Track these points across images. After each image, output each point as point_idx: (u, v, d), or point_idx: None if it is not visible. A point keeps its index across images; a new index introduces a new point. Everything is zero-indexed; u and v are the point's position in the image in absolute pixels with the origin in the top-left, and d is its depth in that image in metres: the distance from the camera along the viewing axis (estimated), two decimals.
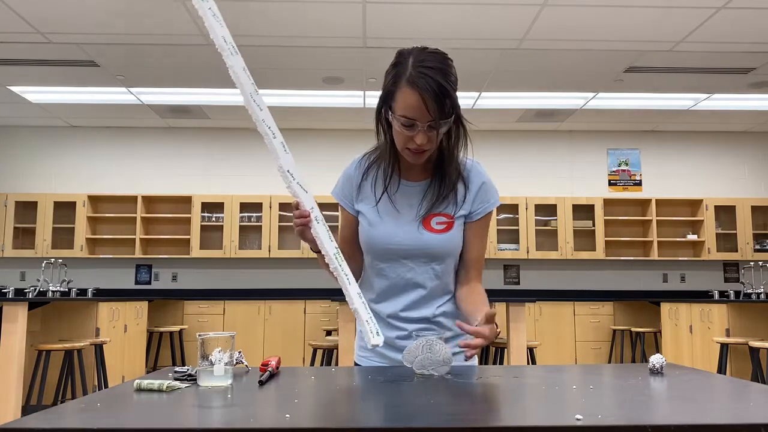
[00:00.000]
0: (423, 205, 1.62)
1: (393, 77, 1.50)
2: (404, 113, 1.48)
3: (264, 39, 5.61)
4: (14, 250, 7.97)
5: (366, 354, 1.72)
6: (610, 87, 6.89)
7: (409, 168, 1.64)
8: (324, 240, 1.51)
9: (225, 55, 1.47)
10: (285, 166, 1.49)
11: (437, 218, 1.62)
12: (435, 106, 1.44)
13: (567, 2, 4.91)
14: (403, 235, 1.61)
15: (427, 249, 1.61)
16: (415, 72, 1.45)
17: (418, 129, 1.48)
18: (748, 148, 8.65)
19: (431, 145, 1.52)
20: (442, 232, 1.61)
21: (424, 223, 1.61)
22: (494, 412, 1.05)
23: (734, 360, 5.60)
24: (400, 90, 1.47)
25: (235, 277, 8.29)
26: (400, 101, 1.48)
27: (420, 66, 1.46)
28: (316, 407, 1.08)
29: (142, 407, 1.05)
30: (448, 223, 1.62)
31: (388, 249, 1.62)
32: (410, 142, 1.51)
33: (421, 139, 1.49)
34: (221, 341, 1.26)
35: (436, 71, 1.45)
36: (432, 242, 1.60)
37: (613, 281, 8.42)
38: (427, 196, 1.62)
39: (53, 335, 5.60)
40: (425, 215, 1.61)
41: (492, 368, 1.61)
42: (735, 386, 1.26)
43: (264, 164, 8.46)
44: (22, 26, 5.34)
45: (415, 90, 1.45)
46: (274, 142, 1.51)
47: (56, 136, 8.43)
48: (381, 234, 1.62)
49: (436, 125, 1.47)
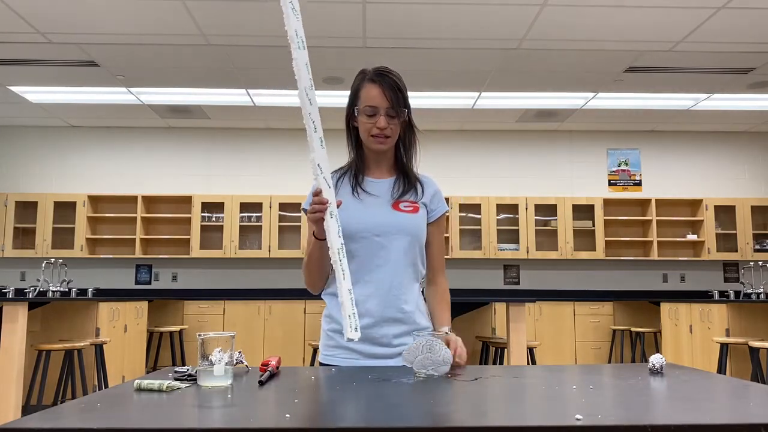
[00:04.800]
0: (392, 193, 1.84)
1: (357, 83, 1.84)
2: (367, 103, 1.78)
3: (264, 39, 5.61)
4: (14, 250, 7.97)
5: (332, 353, 1.79)
6: (610, 87, 6.89)
7: (375, 168, 1.88)
8: (332, 234, 1.61)
9: (293, 47, 1.65)
10: (317, 159, 1.64)
11: (404, 203, 1.83)
12: (392, 95, 1.76)
13: (567, 2, 4.91)
14: (378, 214, 1.80)
15: (399, 225, 1.79)
16: (374, 73, 1.80)
17: (379, 114, 1.77)
18: (748, 148, 8.65)
19: (392, 132, 1.80)
20: (411, 213, 1.82)
21: (394, 205, 1.82)
22: (494, 412, 1.05)
23: (734, 360, 5.60)
24: (364, 88, 1.80)
25: (235, 277, 8.29)
26: (363, 96, 1.80)
27: (379, 70, 1.81)
28: (316, 407, 1.08)
29: (142, 407, 1.05)
30: (414, 206, 1.84)
31: (364, 227, 1.77)
32: (373, 129, 1.78)
33: (382, 123, 1.77)
34: (221, 341, 1.26)
35: (391, 74, 1.80)
36: (403, 219, 1.80)
37: (613, 281, 8.42)
38: (394, 187, 1.85)
39: (53, 335, 5.60)
40: (394, 200, 1.83)
41: (492, 368, 1.61)
42: (735, 386, 1.26)
43: (264, 164, 8.46)
44: (22, 26, 5.34)
45: (376, 83, 1.78)
46: (314, 135, 1.64)
47: (56, 136, 8.43)
48: (356, 214, 1.78)
49: (393, 112, 1.77)
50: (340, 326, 1.71)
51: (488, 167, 8.49)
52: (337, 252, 1.60)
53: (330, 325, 1.82)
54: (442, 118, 7.85)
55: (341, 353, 1.77)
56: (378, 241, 1.77)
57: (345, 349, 1.76)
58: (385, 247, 1.77)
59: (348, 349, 1.76)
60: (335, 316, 1.80)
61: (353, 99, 1.85)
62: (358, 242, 1.76)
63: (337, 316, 1.79)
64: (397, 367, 1.57)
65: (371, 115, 1.78)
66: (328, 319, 1.84)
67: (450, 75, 6.52)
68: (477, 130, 8.49)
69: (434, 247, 1.88)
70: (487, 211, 8.13)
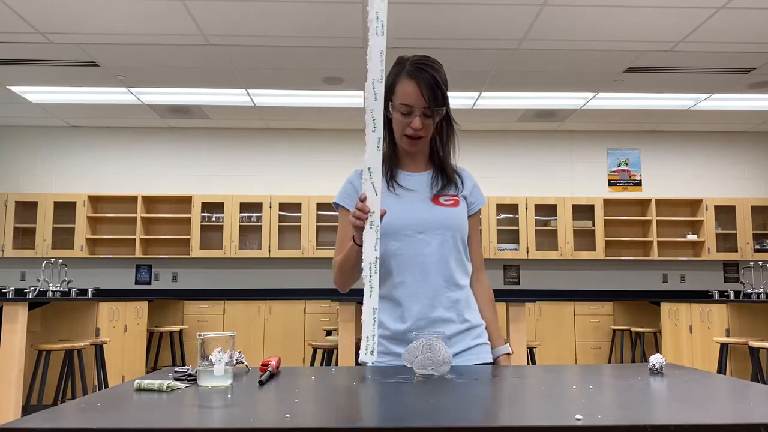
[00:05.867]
0: (430, 187, 1.75)
1: (393, 75, 1.70)
2: (402, 101, 1.66)
3: (264, 39, 5.61)
4: (14, 250, 7.97)
5: None
6: (610, 87, 6.89)
7: (409, 161, 1.78)
8: (368, 246, 1.52)
9: (370, 32, 1.55)
10: (368, 162, 1.53)
11: (444, 197, 1.75)
12: (429, 93, 1.64)
13: (567, 2, 4.91)
14: (418, 210, 1.71)
15: (442, 220, 1.70)
16: (412, 67, 1.67)
17: (414, 115, 1.66)
18: (748, 148, 8.65)
19: (426, 132, 1.70)
20: (452, 206, 1.74)
21: (434, 200, 1.73)
22: (494, 412, 1.05)
23: (734, 360, 5.60)
24: (400, 83, 1.68)
25: (235, 277, 8.29)
26: (399, 92, 1.67)
27: (416, 63, 1.69)
28: (316, 407, 1.08)
29: (142, 407, 1.05)
30: (455, 200, 1.75)
31: (405, 224, 1.68)
32: (407, 128, 1.68)
33: (417, 123, 1.66)
34: (221, 341, 1.26)
35: (430, 67, 1.68)
36: (445, 214, 1.71)
37: (613, 281, 8.42)
38: (432, 181, 1.76)
39: (53, 335, 5.60)
40: (434, 194, 1.74)
41: (492, 368, 1.61)
42: (735, 386, 1.26)
43: (264, 164, 8.46)
44: (22, 26, 5.34)
45: (412, 80, 1.65)
46: (371, 135, 1.53)
47: (56, 136, 8.43)
48: (396, 211, 1.67)
49: (430, 112, 1.66)
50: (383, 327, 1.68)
51: (488, 167, 8.49)
52: (370, 267, 1.50)
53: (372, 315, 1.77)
54: None
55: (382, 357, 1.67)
56: (421, 238, 1.68)
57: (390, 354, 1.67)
58: (430, 244, 1.68)
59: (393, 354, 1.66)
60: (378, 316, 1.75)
61: (388, 91, 1.69)
62: (400, 240, 1.68)
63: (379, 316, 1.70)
64: (396, 367, 1.57)
65: (406, 113, 1.67)
66: None
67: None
68: (477, 130, 8.49)
69: (473, 242, 1.81)
70: (487, 211, 8.13)
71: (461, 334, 1.69)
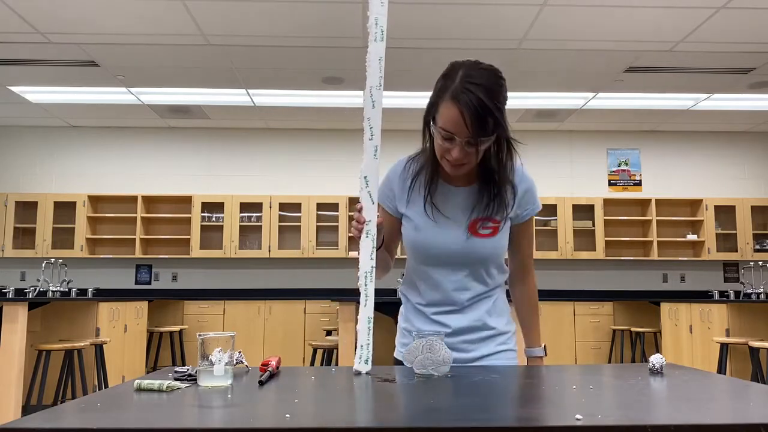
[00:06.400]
0: (469, 210, 1.62)
1: (439, 89, 1.51)
2: (444, 126, 1.48)
3: (264, 39, 5.61)
4: (14, 250, 7.97)
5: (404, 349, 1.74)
6: (610, 87, 6.89)
7: None
8: (364, 255, 1.51)
9: (369, 38, 1.50)
10: (364, 171, 1.51)
11: (483, 222, 1.62)
12: (475, 123, 1.44)
13: (567, 2, 4.91)
14: (450, 240, 1.62)
15: (473, 254, 1.63)
16: (460, 87, 1.45)
17: (456, 143, 1.48)
18: (748, 148, 8.65)
19: (469, 159, 1.52)
20: (488, 237, 1.63)
21: (471, 227, 1.62)
22: (494, 412, 1.05)
23: (734, 360, 5.60)
24: (444, 102, 1.47)
25: (235, 277, 8.29)
26: (442, 113, 1.48)
27: (467, 81, 1.45)
28: (316, 407, 1.08)
29: (142, 407, 1.05)
30: (494, 228, 1.63)
31: (435, 253, 1.64)
32: (448, 153, 1.51)
33: (457, 154, 1.49)
34: (221, 341, 1.26)
35: (482, 88, 1.44)
36: (478, 246, 1.62)
37: (613, 281, 8.41)
38: (473, 202, 1.62)
39: (53, 335, 5.60)
40: (472, 220, 1.62)
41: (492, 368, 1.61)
42: (735, 386, 1.26)
43: (264, 164, 8.46)
44: (22, 26, 5.34)
45: (456, 105, 1.44)
46: (368, 143, 1.50)
47: (56, 136, 8.43)
48: (427, 238, 1.63)
49: (474, 142, 1.47)
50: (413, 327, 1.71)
51: None
52: (365, 276, 1.49)
53: (404, 324, 1.77)
54: None
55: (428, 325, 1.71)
56: (451, 267, 1.65)
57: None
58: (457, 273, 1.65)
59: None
60: (406, 314, 1.77)
61: (431, 104, 1.54)
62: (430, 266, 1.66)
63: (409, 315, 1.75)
64: (396, 367, 1.57)
65: (447, 138, 1.49)
66: (402, 317, 1.79)
67: None
68: None
69: (523, 247, 1.74)
70: None
71: (485, 340, 1.70)
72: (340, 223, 8.07)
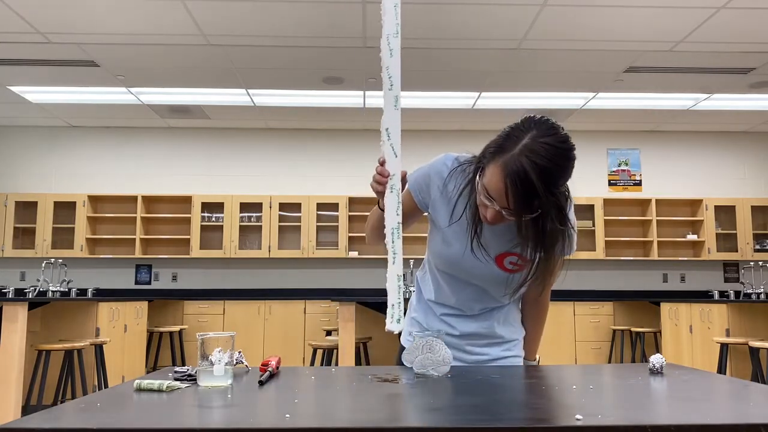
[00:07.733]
0: (502, 242, 1.55)
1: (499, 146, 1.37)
2: (486, 186, 1.38)
3: (264, 39, 5.61)
4: (14, 250, 7.96)
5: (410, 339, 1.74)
6: (610, 87, 6.89)
7: None
8: (389, 212, 1.47)
9: None
10: (385, 122, 1.45)
11: (511, 257, 1.56)
12: (517, 201, 1.33)
13: (567, 2, 4.91)
14: (476, 264, 1.58)
15: (494, 281, 1.61)
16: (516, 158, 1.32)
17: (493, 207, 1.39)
18: (748, 148, 8.65)
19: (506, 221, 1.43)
20: (512, 272, 1.58)
21: (498, 260, 1.57)
22: (494, 412, 1.05)
23: (734, 360, 5.60)
24: (494, 164, 1.36)
25: (235, 277, 8.29)
26: (489, 173, 1.37)
27: (527, 154, 1.31)
28: (316, 407, 1.08)
29: (142, 407, 1.05)
30: (520, 266, 1.56)
31: (456, 271, 1.64)
32: (485, 209, 1.43)
33: (491, 217, 1.41)
34: (221, 341, 1.26)
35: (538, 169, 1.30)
36: (500, 278, 1.59)
37: (613, 281, 8.41)
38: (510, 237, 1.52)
39: (53, 335, 5.59)
40: (501, 253, 1.57)
41: (492, 368, 1.61)
42: (735, 386, 1.26)
43: (264, 164, 8.46)
44: (22, 26, 5.34)
45: (503, 176, 1.33)
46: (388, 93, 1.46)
47: (56, 136, 8.43)
48: (454, 255, 1.60)
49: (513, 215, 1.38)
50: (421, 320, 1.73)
51: None
52: (392, 232, 1.45)
53: (414, 314, 1.78)
54: (442, 118, 7.84)
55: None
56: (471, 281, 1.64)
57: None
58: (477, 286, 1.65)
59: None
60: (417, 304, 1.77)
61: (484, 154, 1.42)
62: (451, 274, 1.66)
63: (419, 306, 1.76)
64: (396, 367, 1.57)
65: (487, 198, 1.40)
66: (412, 307, 1.80)
67: (450, 75, 6.51)
68: (477, 130, 8.48)
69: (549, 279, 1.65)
70: None
71: (491, 345, 1.71)
72: (340, 223, 8.07)
